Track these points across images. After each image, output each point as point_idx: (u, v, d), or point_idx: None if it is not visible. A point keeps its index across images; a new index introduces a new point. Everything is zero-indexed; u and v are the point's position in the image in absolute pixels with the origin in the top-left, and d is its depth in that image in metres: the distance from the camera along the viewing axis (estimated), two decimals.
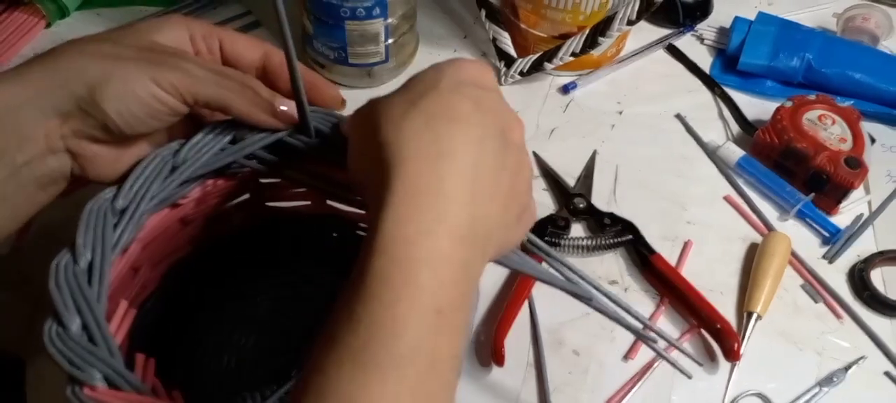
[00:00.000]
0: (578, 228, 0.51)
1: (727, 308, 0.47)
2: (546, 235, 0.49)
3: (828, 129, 0.54)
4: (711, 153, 0.56)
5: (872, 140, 0.57)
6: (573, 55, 0.58)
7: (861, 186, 0.53)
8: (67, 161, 0.31)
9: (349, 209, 0.40)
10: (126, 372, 0.27)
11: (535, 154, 0.55)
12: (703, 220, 0.52)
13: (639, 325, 0.37)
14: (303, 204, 0.41)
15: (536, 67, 0.59)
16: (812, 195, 0.52)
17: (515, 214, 0.29)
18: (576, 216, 0.51)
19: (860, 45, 0.63)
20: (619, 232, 0.49)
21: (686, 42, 0.66)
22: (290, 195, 0.40)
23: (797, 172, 0.53)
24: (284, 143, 0.34)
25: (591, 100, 0.60)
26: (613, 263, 0.49)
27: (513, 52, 0.61)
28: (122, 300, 0.33)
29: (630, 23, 0.57)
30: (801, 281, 0.49)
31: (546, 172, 0.54)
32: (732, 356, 0.43)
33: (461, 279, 0.26)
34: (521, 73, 0.60)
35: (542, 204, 0.52)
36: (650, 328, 0.37)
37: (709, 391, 0.43)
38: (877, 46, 0.64)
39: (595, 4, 0.57)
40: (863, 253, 0.50)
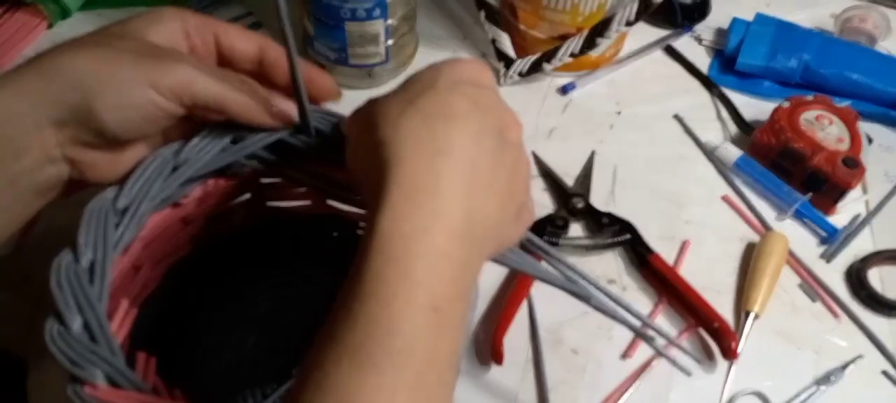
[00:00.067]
0: (577, 228, 0.51)
1: (725, 307, 0.47)
2: (545, 235, 0.49)
3: (825, 130, 0.54)
4: (709, 153, 0.57)
5: (870, 140, 0.57)
6: (572, 56, 0.59)
7: (858, 186, 0.53)
8: (65, 168, 0.30)
9: (349, 209, 0.40)
10: (127, 371, 0.27)
11: (534, 154, 0.55)
12: (701, 220, 0.52)
13: (637, 323, 0.37)
14: (303, 204, 0.41)
15: (535, 68, 0.59)
16: (809, 195, 0.52)
17: (513, 212, 0.29)
18: (574, 216, 0.51)
19: (858, 46, 0.63)
20: (618, 232, 0.49)
21: (684, 43, 0.66)
22: (291, 195, 0.40)
23: (795, 172, 0.53)
24: (285, 143, 0.34)
25: (590, 100, 0.60)
26: (612, 263, 0.49)
27: (512, 53, 0.61)
28: (124, 299, 0.33)
29: (628, 24, 0.58)
30: (799, 281, 0.49)
31: (545, 172, 0.54)
32: (730, 354, 0.43)
33: (459, 276, 0.26)
34: (521, 74, 0.60)
35: (541, 204, 0.52)
36: (649, 325, 0.37)
37: (707, 389, 0.43)
38: (874, 47, 0.64)
39: (593, 5, 0.57)
40: (860, 253, 0.50)
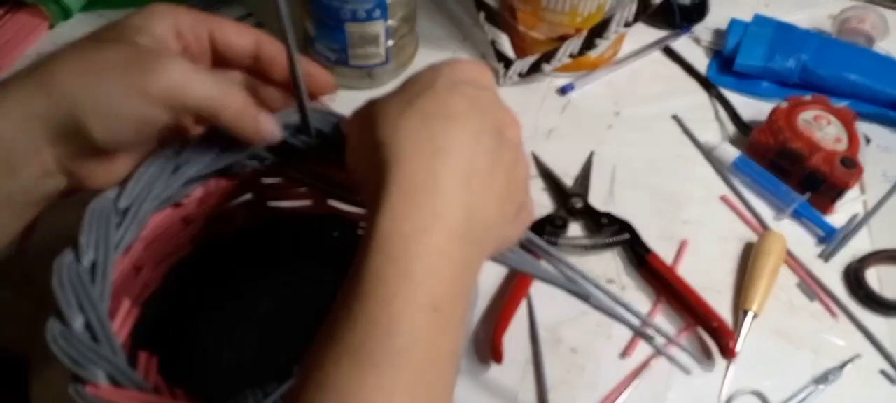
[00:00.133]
0: (576, 228, 0.51)
1: (723, 306, 0.47)
2: (544, 234, 0.49)
3: (823, 130, 0.54)
4: (708, 153, 0.57)
5: (868, 140, 0.57)
6: (571, 57, 0.59)
7: (856, 186, 0.53)
8: (63, 179, 0.30)
9: (350, 209, 0.40)
10: (129, 370, 0.27)
11: (534, 154, 0.55)
12: (700, 220, 0.52)
13: (637, 322, 0.37)
14: (304, 204, 0.41)
15: (535, 69, 0.60)
16: (808, 195, 0.53)
17: (513, 211, 0.29)
18: (573, 216, 0.51)
19: (855, 47, 0.63)
20: (616, 232, 0.50)
21: (683, 44, 0.66)
22: (292, 195, 0.41)
23: (793, 172, 0.53)
24: (286, 144, 0.34)
25: (589, 101, 0.61)
26: (610, 262, 0.49)
27: (511, 54, 0.61)
28: (125, 299, 0.33)
29: (627, 25, 0.58)
30: (797, 280, 0.49)
31: (544, 172, 0.54)
32: (728, 354, 0.44)
33: (458, 275, 0.26)
34: (520, 75, 0.60)
35: (540, 204, 0.52)
36: (648, 324, 0.38)
37: (705, 388, 0.43)
38: (872, 48, 0.64)
39: (592, 7, 0.57)
40: (858, 253, 0.51)
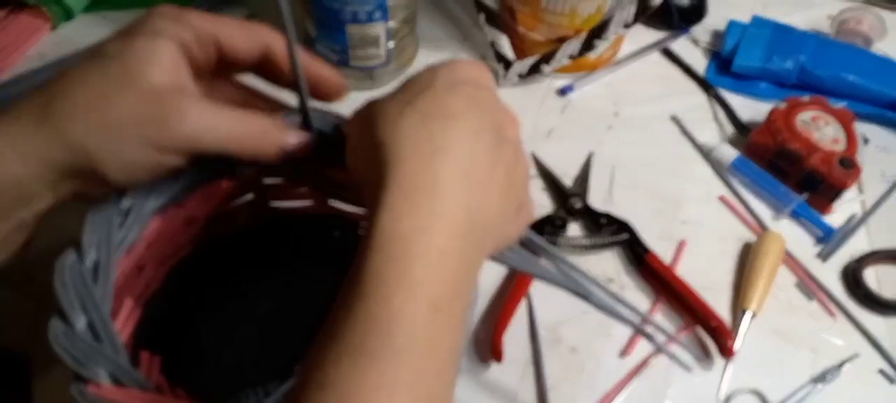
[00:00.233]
0: (575, 228, 0.51)
1: (722, 306, 0.47)
2: (543, 235, 0.50)
3: (821, 130, 0.54)
4: (706, 154, 0.57)
5: (866, 140, 0.57)
6: (570, 58, 0.59)
7: (854, 186, 0.54)
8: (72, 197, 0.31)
9: (351, 209, 0.40)
10: (131, 370, 0.27)
11: (533, 155, 0.56)
12: (698, 220, 0.52)
13: (637, 320, 0.37)
14: (305, 204, 0.41)
15: (534, 70, 0.60)
16: (806, 195, 0.53)
17: (513, 209, 0.29)
18: (572, 216, 0.51)
19: (854, 48, 0.63)
20: (615, 232, 0.50)
21: (681, 45, 0.66)
22: (293, 195, 0.41)
23: (791, 173, 0.54)
24: None
25: (588, 102, 0.61)
26: (609, 262, 0.50)
27: (511, 55, 0.61)
28: (127, 298, 0.33)
29: (626, 26, 0.58)
30: (796, 280, 0.49)
31: (543, 173, 0.55)
32: (727, 353, 0.44)
33: (458, 273, 0.26)
34: (520, 76, 0.60)
35: (540, 204, 0.52)
36: (648, 321, 0.38)
37: (704, 387, 0.43)
38: (870, 49, 0.65)
39: (591, 8, 0.57)
40: (856, 253, 0.51)
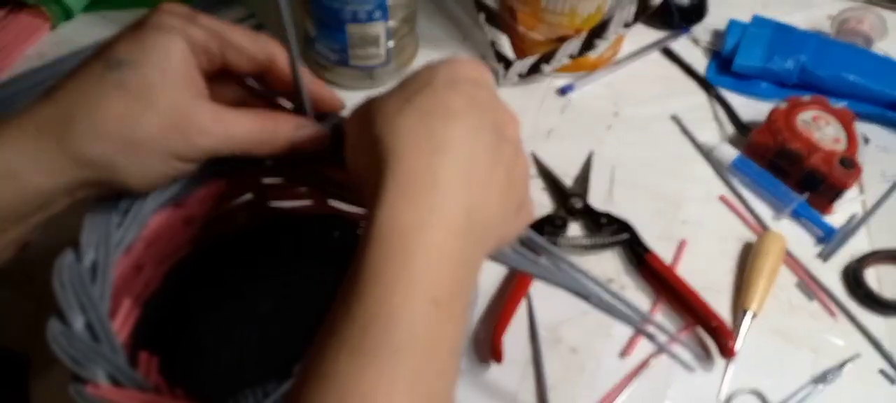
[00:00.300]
0: (575, 228, 0.51)
1: (722, 306, 0.47)
2: (543, 234, 0.49)
3: (822, 130, 0.54)
4: (707, 154, 0.57)
5: (866, 140, 0.57)
6: (570, 58, 0.59)
7: (855, 186, 0.54)
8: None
9: (350, 209, 0.40)
10: (129, 370, 0.27)
11: (533, 154, 0.55)
12: (699, 220, 0.52)
13: (637, 320, 0.37)
14: (304, 204, 0.41)
15: (534, 70, 0.60)
16: (806, 195, 0.53)
17: (513, 207, 0.29)
18: (573, 216, 0.51)
19: (854, 47, 0.63)
20: (616, 232, 0.50)
21: (681, 44, 0.66)
22: (292, 195, 0.41)
23: (791, 172, 0.53)
24: None
25: (588, 101, 0.61)
26: (610, 262, 0.50)
27: (511, 55, 0.61)
28: (126, 298, 0.33)
29: (626, 26, 0.58)
30: (796, 280, 0.49)
31: (544, 172, 0.55)
32: (728, 353, 0.44)
33: (458, 269, 0.26)
34: (520, 76, 0.60)
35: (540, 204, 0.52)
36: (650, 321, 0.38)
37: (705, 388, 0.43)
38: (870, 48, 0.64)
39: (591, 8, 0.57)
40: (857, 253, 0.51)
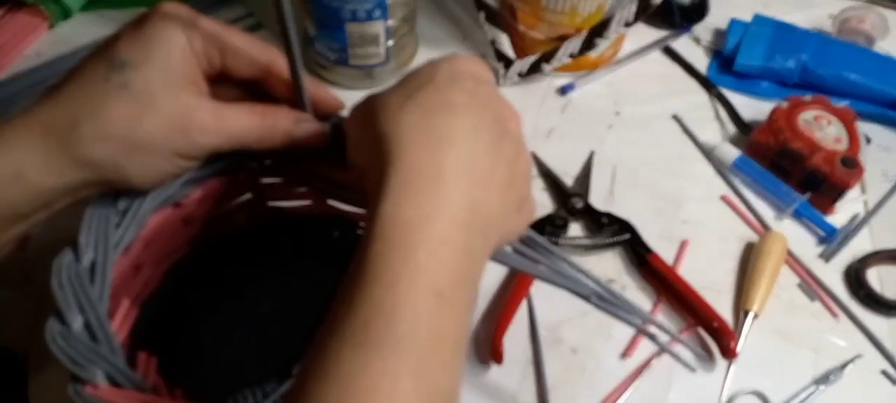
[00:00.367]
0: (576, 228, 0.51)
1: (724, 306, 0.47)
2: (544, 234, 0.49)
3: (824, 130, 0.54)
4: (708, 153, 0.57)
5: (868, 140, 0.57)
6: (571, 57, 0.59)
7: (857, 186, 0.53)
8: None
9: (350, 208, 0.40)
10: (128, 370, 0.27)
11: (534, 154, 0.55)
12: (700, 220, 0.52)
13: (639, 321, 0.37)
14: (304, 204, 0.41)
15: (535, 69, 0.60)
16: (808, 195, 0.53)
17: (515, 203, 0.29)
18: (573, 215, 0.51)
19: (855, 47, 0.63)
20: (617, 232, 0.50)
21: (682, 44, 0.66)
22: (292, 195, 0.41)
23: (793, 172, 0.53)
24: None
25: (589, 101, 0.61)
26: (611, 262, 0.49)
27: (511, 54, 0.61)
28: (125, 299, 0.33)
29: (627, 25, 0.58)
30: (798, 280, 0.49)
31: (544, 172, 0.54)
32: (729, 354, 0.44)
33: (462, 262, 0.26)
34: (520, 75, 0.60)
35: (541, 204, 0.52)
36: (651, 321, 0.37)
37: (706, 388, 0.43)
38: (872, 47, 0.64)
39: (592, 7, 0.57)
40: (859, 253, 0.50)
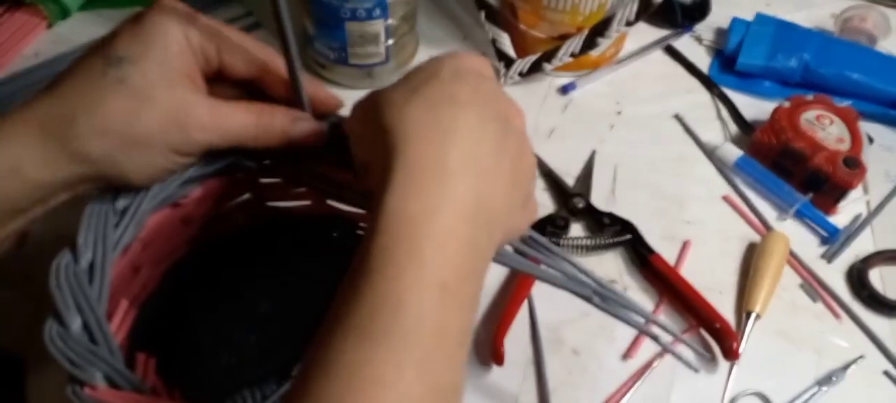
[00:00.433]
0: (577, 228, 0.51)
1: (726, 307, 0.47)
2: (545, 235, 0.49)
3: (826, 129, 0.54)
4: (710, 153, 0.57)
5: (870, 140, 0.57)
6: (572, 56, 0.59)
7: (859, 186, 0.53)
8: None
9: (349, 209, 0.40)
10: (127, 372, 0.27)
11: (535, 154, 0.55)
12: (702, 220, 0.52)
13: (641, 321, 0.37)
14: (303, 204, 0.41)
15: (536, 68, 0.59)
16: (810, 195, 0.52)
17: (520, 199, 0.29)
18: (575, 216, 0.51)
19: (858, 46, 0.63)
20: (618, 232, 0.49)
21: (684, 43, 0.66)
22: (291, 195, 0.40)
23: (795, 172, 0.53)
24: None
25: (590, 100, 0.60)
26: (612, 263, 0.49)
27: (512, 53, 0.61)
28: (123, 299, 0.33)
29: (628, 24, 0.58)
30: (800, 281, 0.49)
31: (545, 172, 0.54)
32: (731, 355, 0.43)
33: (467, 256, 0.25)
34: (521, 74, 0.60)
35: (542, 204, 0.52)
36: (654, 321, 0.37)
37: (708, 389, 0.43)
38: (874, 47, 0.64)
39: (593, 5, 0.57)
40: (861, 253, 0.50)
